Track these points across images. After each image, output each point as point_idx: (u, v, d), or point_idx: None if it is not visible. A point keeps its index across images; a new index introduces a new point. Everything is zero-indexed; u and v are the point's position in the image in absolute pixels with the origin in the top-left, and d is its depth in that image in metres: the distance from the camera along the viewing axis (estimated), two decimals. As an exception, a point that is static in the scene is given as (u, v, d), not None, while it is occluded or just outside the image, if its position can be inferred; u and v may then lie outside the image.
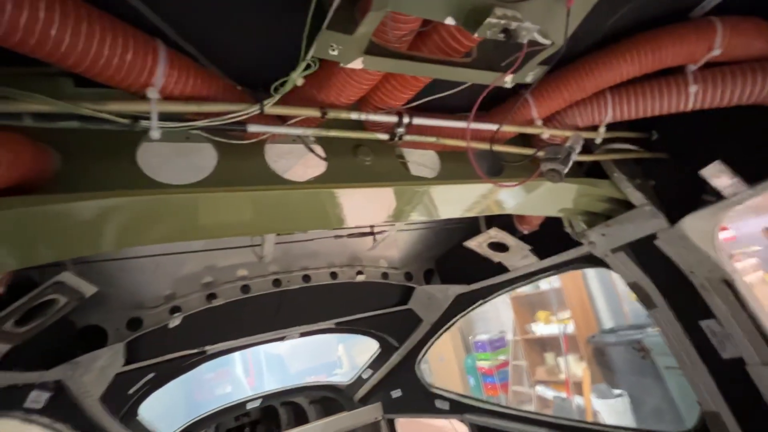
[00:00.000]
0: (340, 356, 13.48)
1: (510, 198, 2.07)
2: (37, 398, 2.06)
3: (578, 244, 2.43)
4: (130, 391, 3.25)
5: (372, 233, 2.71)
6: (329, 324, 4.21)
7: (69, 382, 2.20)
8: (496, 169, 1.93)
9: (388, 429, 4.97)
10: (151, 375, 3.34)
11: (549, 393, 9.32)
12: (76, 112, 0.96)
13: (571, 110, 1.75)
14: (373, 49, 0.95)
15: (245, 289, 2.91)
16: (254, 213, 1.43)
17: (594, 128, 1.84)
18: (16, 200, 0.93)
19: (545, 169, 1.59)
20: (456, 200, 1.88)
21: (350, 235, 2.69)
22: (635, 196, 1.96)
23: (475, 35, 0.85)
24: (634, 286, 2.22)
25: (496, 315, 10.65)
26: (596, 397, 7.73)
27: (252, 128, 1.20)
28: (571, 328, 9.16)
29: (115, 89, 1.12)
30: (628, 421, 6.70)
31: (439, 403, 4.27)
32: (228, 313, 3.02)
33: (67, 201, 0.99)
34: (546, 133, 1.71)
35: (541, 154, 1.64)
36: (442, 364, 10.38)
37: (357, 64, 0.96)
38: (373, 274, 3.30)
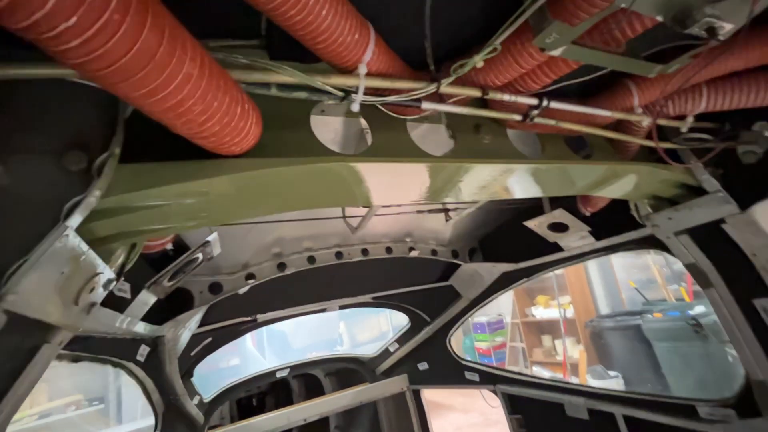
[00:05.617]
0: (341, 333, 13.79)
1: (583, 179, 2.22)
2: (143, 352, 2.20)
3: (635, 226, 2.62)
4: (192, 353, 3.40)
5: (446, 210, 2.85)
6: (367, 298, 4.38)
7: (168, 338, 2.33)
8: (587, 152, 2.08)
9: (414, 399, 5.20)
10: (208, 340, 3.50)
11: (545, 373, 9.86)
12: (311, 84, 1.06)
13: (666, 100, 1.89)
14: (576, 40, 1.07)
15: (311, 260, 3.05)
16: (397, 183, 1.55)
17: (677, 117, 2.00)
18: (270, 161, 1.03)
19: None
20: (551, 179, 2.02)
21: (430, 211, 2.83)
22: (710, 183, 2.14)
23: (686, 32, 0.99)
24: (692, 267, 2.42)
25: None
26: (592, 377, 8.20)
27: (425, 105, 1.31)
28: (570, 312, 9.64)
29: (309, 64, 1.23)
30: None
31: (469, 375, 4.44)
32: (281, 284, 3.15)
33: (294, 164, 1.10)
34: (645, 121, 1.86)
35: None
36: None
37: (557, 52, 1.09)
38: (424, 251, 3.45)
